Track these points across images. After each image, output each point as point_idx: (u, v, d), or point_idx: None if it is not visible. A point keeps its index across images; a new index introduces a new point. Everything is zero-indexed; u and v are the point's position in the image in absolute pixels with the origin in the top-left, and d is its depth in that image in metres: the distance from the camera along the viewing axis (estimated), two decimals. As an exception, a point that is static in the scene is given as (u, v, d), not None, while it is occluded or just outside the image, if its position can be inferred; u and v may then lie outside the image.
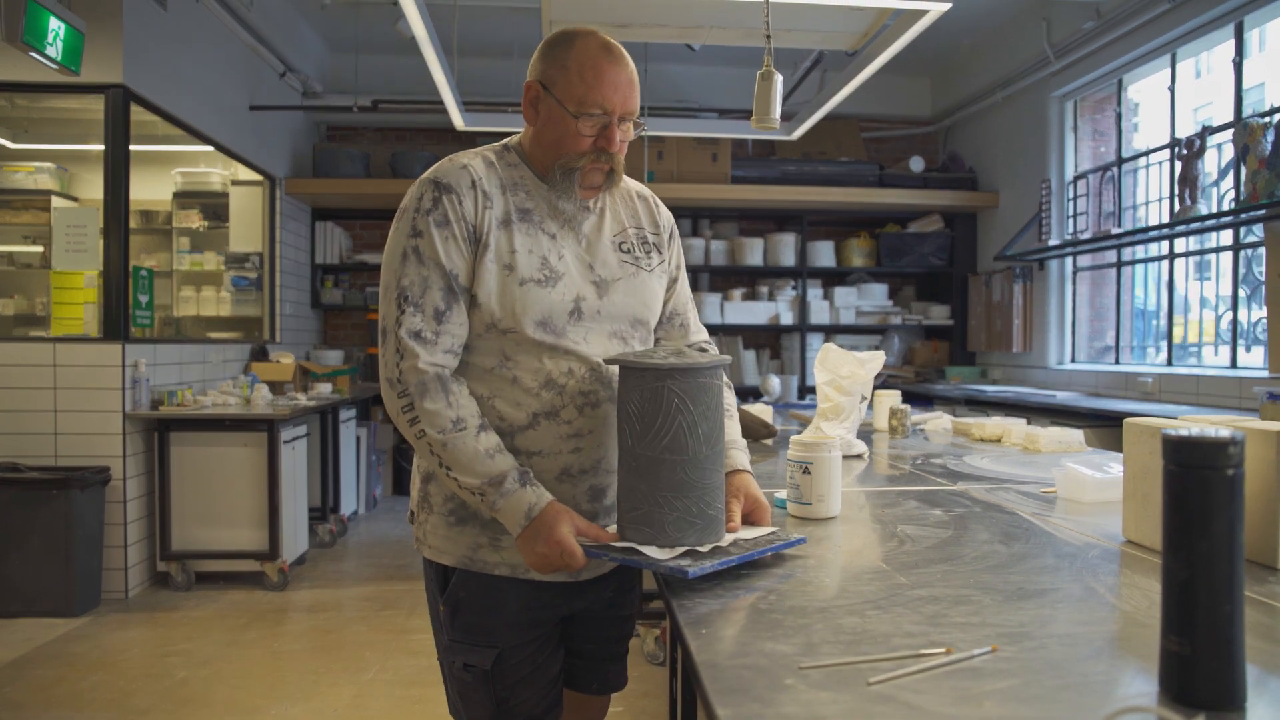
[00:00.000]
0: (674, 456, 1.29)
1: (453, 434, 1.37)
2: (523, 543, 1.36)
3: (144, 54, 4.42)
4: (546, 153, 1.51)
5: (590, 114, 1.46)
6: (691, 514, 1.29)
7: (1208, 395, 4.44)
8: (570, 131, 1.47)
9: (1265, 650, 0.94)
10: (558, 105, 1.46)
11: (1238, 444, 0.77)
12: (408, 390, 1.38)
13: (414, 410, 1.38)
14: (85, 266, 4.48)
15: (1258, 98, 5.55)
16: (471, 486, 1.36)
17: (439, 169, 1.48)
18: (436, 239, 1.42)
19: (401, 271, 1.41)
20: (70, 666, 3.42)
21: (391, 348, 1.39)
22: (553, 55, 1.49)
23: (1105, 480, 1.75)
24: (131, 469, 4.34)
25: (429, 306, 1.40)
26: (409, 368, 1.38)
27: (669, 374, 1.29)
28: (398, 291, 1.40)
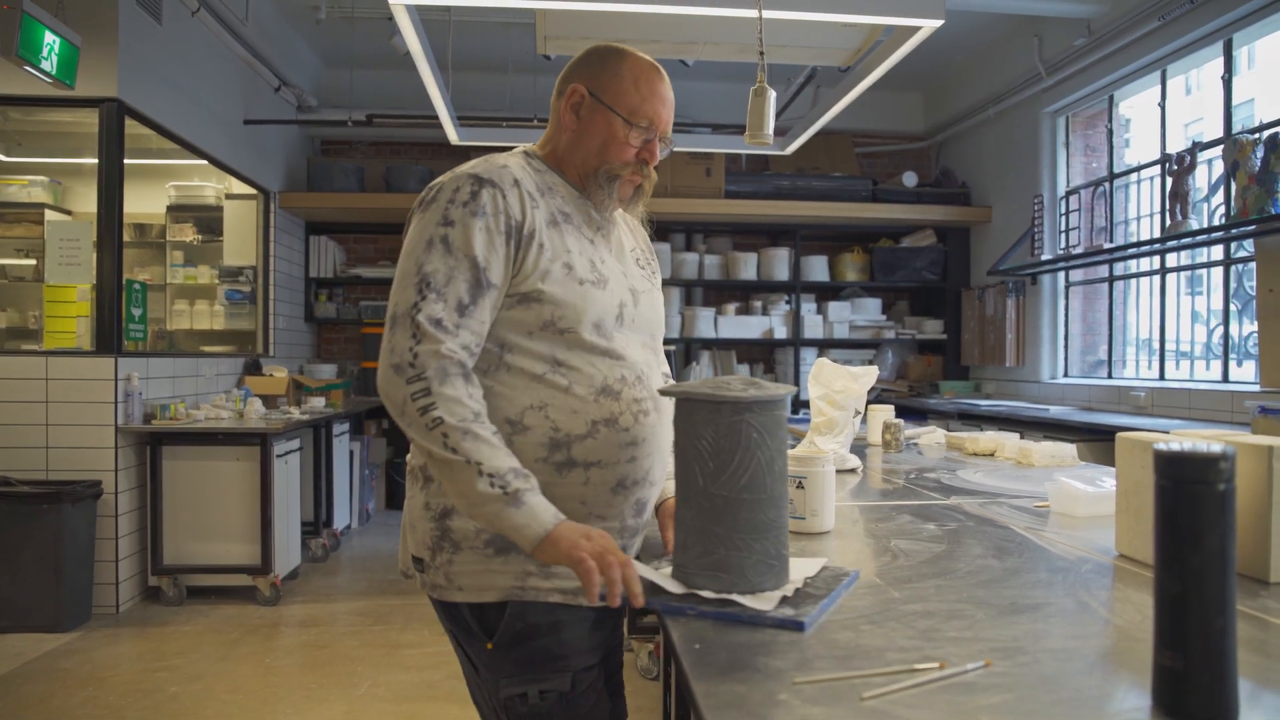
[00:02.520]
0: (752, 496, 1.18)
1: (474, 424, 1.25)
2: (566, 529, 1.22)
3: (139, 68, 4.42)
4: (588, 159, 1.49)
5: (639, 125, 1.47)
6: (770, 556, 1.20)
7: (1200, 409, 4.45)
8: (619, 139, 1.47)
9: (1258, 664, 0.94)
10: (608, 111, 1.46)
11: (1229, 459, 0.78)
12: (424, 374, 1.26)
13: (430, 395, 1.25)
14: (78, 280, 4.47)
15: (1247, 114, 5.60)
16: (498, 471, 1.23)
17: (477, 166, 1.41)
18: (474, 230, 1.34)
19: (425, 259, 1.32)
20: (60, 682, 3.39)
21: (405, 332, 1.28)
22: (603, 63, 1.49)
23: (1098, 495, 1.75)
24: (123, 483, 4.32)
25: (452, 297, 1.31)
26: (428, 351, 1.27)
27: (749, 407, 1.18)
28: (419, 278, 1.31)
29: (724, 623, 1.09)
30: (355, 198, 6.61)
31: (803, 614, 1.09)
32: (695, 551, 1.20)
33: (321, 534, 5.50)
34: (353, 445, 6.36)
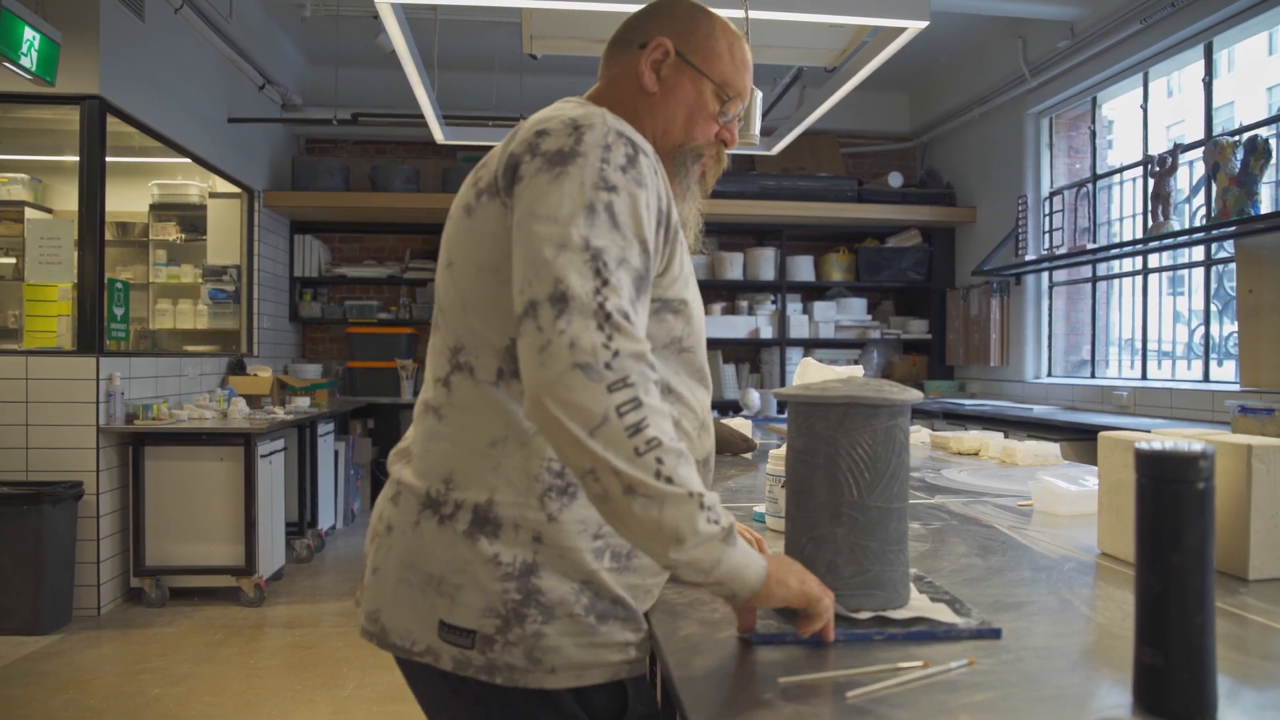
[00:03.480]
0: (901, 504, 1.11)
1: (685, 448, 0.96)
2: (776, 563, 1.00)
3: (121, 65, 4.39)
4: (671, 131, 1.25)
5: (730, 98, 1.27)
6: (907, 568, 1.12)
7: (1181, 408, 4.49)
8: (708, 111, 1.26)
9: (1237, 661, 0.95)
10: (699, 76, 1.25)
11: (1208, 458, 0.78)
12: (628, 380, 0.93)
13: (642, 409, 0.93)
14: (59, 279, 4.44)
15: (1227, 116, 5.66)
16: (714, 502, 0.95)
17: (601, 118, 1.08)
18: (641, 206, 1.04)
19: (591, 229, 0.99)
20: (40, 685, 3.36)
21: (589, 323, 0.93)
22: (693, 20, 1.27)
23: (1081, 493, 1.77)
24: (105, 484, 4.29)
25: (627, 286, 0.99)
26: (631, 352, 0.94)
27: (902, 411, 1.09)
28: (589, 254, 0.97)
29: (709, 625, 1.09)
30: (340, 196, 6.58)
31: (989, 620, 1.07)
32: (848, 571, 1.08)
33: (306, 534, 5.47)
34: (337, 445, 6.33)
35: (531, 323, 0.95)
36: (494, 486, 1.09)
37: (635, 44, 1.27)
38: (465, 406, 1.12)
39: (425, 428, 1.17)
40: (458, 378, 1.14)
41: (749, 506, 1.88)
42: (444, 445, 1.13)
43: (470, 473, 1.10)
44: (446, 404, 1.14)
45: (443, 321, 1.18)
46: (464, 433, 1.12)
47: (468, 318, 1.13)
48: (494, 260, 1.09)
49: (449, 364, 1.15)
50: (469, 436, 1.11)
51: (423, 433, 1.17)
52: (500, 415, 1.10)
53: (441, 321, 1.18)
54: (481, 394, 1.11)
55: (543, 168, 1.04)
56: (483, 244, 1.11)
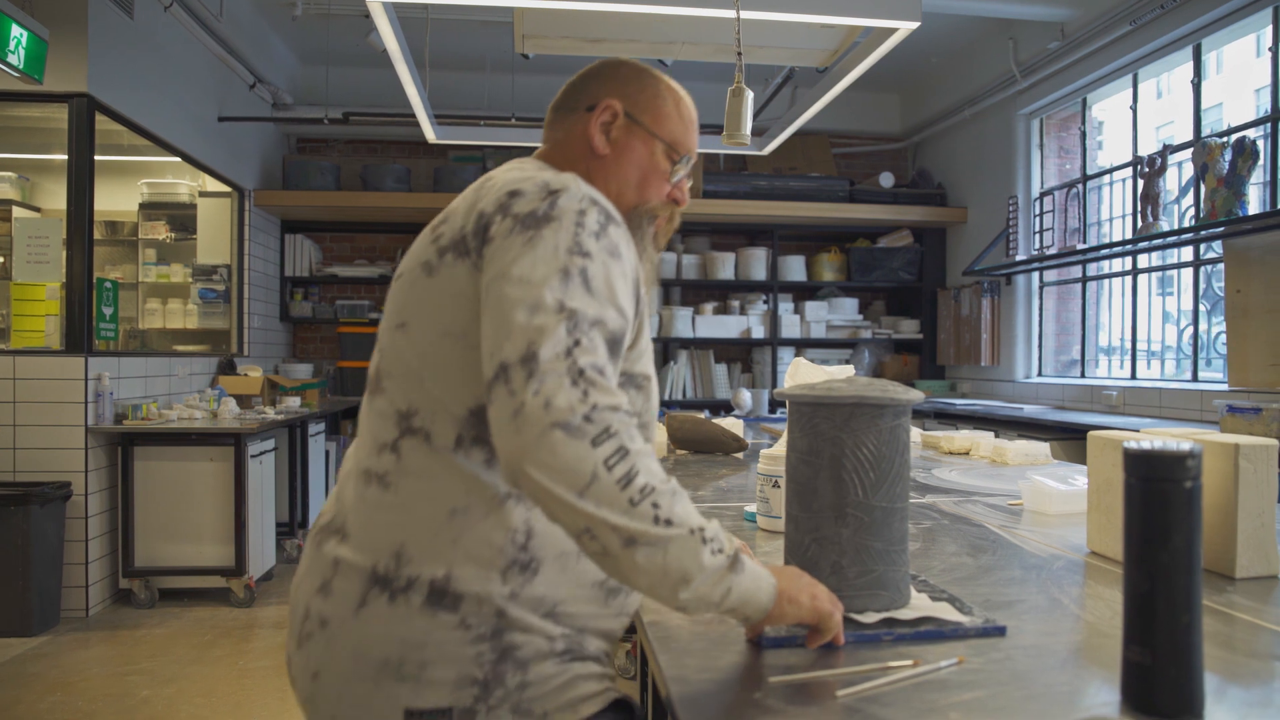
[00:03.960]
0: (903, 504, 1.11)
1: (675, 484, 0.94)
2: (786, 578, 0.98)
3: (110, 63, 4.37)
4: (624, 193, 1.23)
5: (681, 158, 1.26)
6: (908, 568, 1.13)
7: (1170, 408, 4.51)
8: (659, 172, 1.24)
9: (1223, 659, 0.95)
10: (649, 137, 1.23)
11: (1195, 457, 0.79)
12: (611, 430, 0.89)
13: (629, 458, 0.89)
14: (47, 278, 4.41)
15: (1216, 117, 5.69)
16: (716, 533, 0.93)
17: (589, 187, 1.08)
18: (615, 274, 1.01)
19: (564, 292, 0.96)
20: (28, 687, 3.34)
21: (563, 380, 0.90)
22: (639, 81, 1.25)
23: (1070, 493, 1.77)
24: (94, 484, 4.27)
25: (600, 348, 0.96)
26: (607, 405, 0.90)
27: (905, 410, 1.10)
28: (563, 313, 0.94)
29: (699, 624, 1.09)
30: (331, 196, 6.56)
31: (993, 618, 1.07)
32: (853, 572, 1.08)
33: (297, 535, 5.46)
34: (328, 445, 6.31)
35: (503, 387, 0.91)
36: (452, 560, 1.01)
37: (581, 108, 1.25)
38: (419, 474, 1.04)
39: (366, 498, 1.07)
40: (409, 443, 1.05)
41: (740, 506, 1.89)
42: (392, 516, 1.04)
43: (425, 545, 1.02)
44: (395, 471, 1.05)
45: (389, 386, 1.09)
46: (418, 502, 1.03)
47: (425, 384, 1.05)
48: (460, 324, 1.03)
49: (397, 428, 1.06)
50: (424, 506, 1.03)
51: (363, 503, 1.07)
52: (461, 482, 1.03)
53: (388, 385, 1.09)
54: (439, 460, 1.03)
55: (515, 229, 1.01)
56: (447, 306, 1.05)
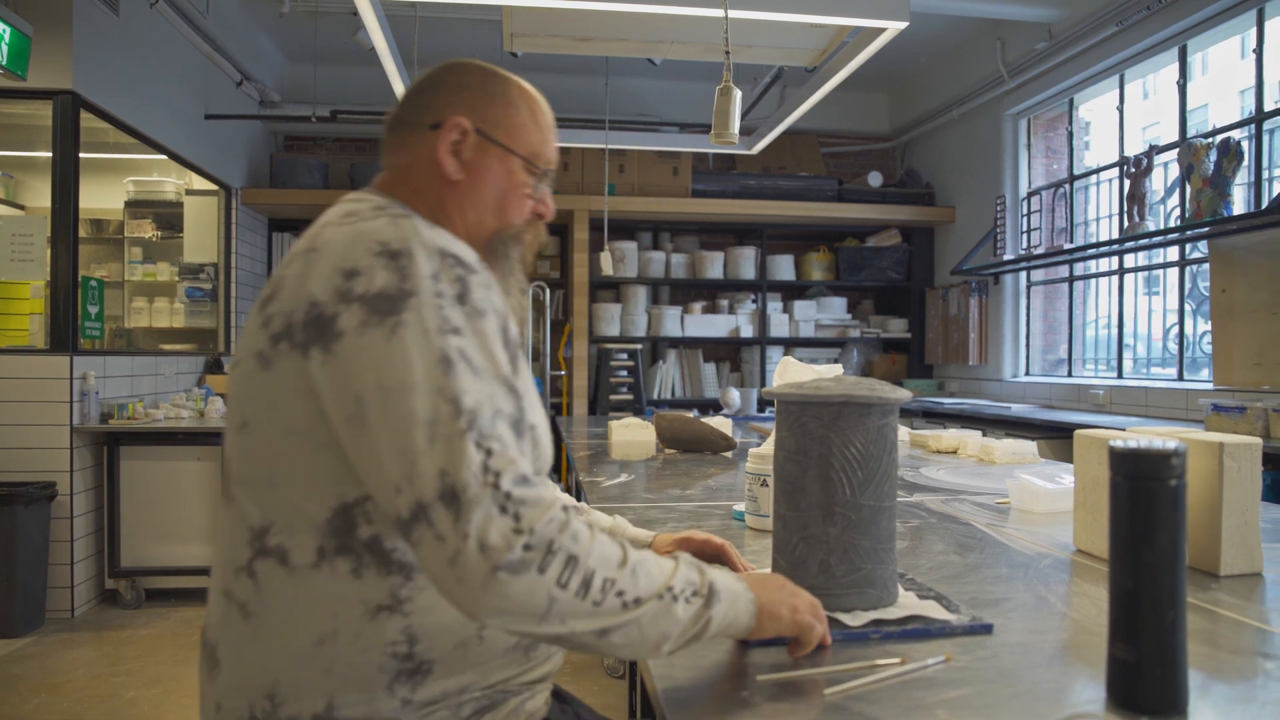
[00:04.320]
0: (890, 503, 1.11)
1: (624, 549, 0.90)
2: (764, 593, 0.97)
3: (95, 60, 4.34)
4: (483, 219, 1.13)
5: (541, 169, 1.16)
6: (895, 566, 1.13)
7: (1156, 407, 4.54)
8: (520, 190, 1.14)
9: (1208, 656, 0.96)
10: (506, 154, 1.13)
11: (1180, 455, 0.79)
12: (554, 548, 0.84)
13: (579, 565, 0.85)
14: (32, 276, 4.38)
15: (1201, 118, 5.73)
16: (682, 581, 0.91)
17: (431, 232, 0.98)
18: (490, 339, 0.93)
19: (454, 386, 0.87)
20: (12, 689, 3.32)
21: (493, 511, 0.83)
22: (487, 90, 1.14)
23: (1057, 491, 1.78)
24: (79, 484, 4.24)
25: (509, 441, 0.89)
26: (537, 519, 0.84)
27: (893, 409, 1.11)
28: (464, 420, 0.86)
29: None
30: (319, 194, 6.53)
31: (980, 615, 1.08)
32: (840, 570, 1.09)
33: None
34: (316, 445, 6.28)
35: (428, 529, 0.83)
36: (331, 690, 0.94)
37: (425, 125, 1.12)
38: (278, 602, 0.95)
39: (231, 625, 0.99)
40: (264, 566, 0.96)
41: (728, 505, 1.89)
42: (258, 652, 0.96)
43: (298, 681, 0.95)
44: (254, 599, 0.97)
45: (240, 494, 0.99)
46: (281, 635, 0.95)
47: (278, 490, 0.96)
48: (307, 423, 0.94)
49: (251, 548, 0.97)
50: (288, 639, 0.95)
51: (229, 631, 1.00)
52: (325, 605, 0.94)
53: (239, 494, 1.00)
54: (298, 585, 0.95)
55: (369, 321, 0.89)
56: (289, 404, 0.95)
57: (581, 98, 6.80)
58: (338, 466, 0.94)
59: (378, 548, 0.95)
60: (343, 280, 0.93)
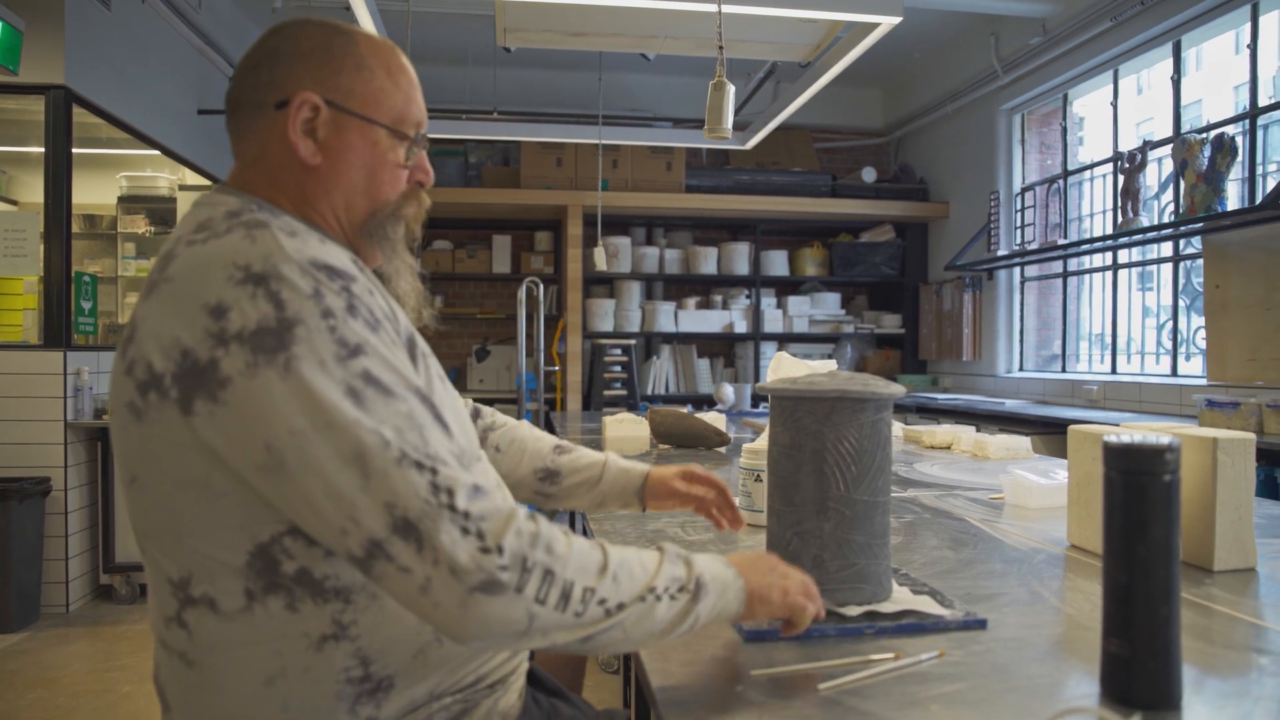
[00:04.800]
0: (884, 498, 1.11)
1: (602, 554, 0.88)
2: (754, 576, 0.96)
3: (87, 55, 4.32)
4: (352, 203, 1.02)
5: (410, 134, 1.05)
6: (889, 561, 1.14)
7: (1150, 402, 4.55)
8: (388, 162, 1.03)
9: (1201, 651, 0.96)
10: (366, 125, 1.01)
11: (1174, 450, 0.80)
12: (526, 563, 0.82)
13: (554, 577, 0.83)
14: (24, 272, 4.36)
15: (1195, 114, 5.74)
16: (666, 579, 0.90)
17: (292, 243, 0.89)
18: (386, 350, 0.88)
19: (370, 416, 0.82)
20: (7, 684, 3.31)
21: (455, 533, 0.80)
22: (330, 54, 1.00)
23: (1051, 486, 1.79)
24: (73, 479, 4.23)
25: (444, 449, 0.85)
26: (503, 533, 0.82)
27: (886, 404, 1.11)
28: (393, 451, 0.81)
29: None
30: (312, 190, 6.51)
31: (974, 611, 1.08)
32: (834, 565, 1.09)
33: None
34: (310, 440, 6.27)
35: (388, 564, 0.80)
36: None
37: (269, 105, 1.00)
38: (218, 648, 0.91)
39: (175, 674, 0.95)
40: (194, 615, 0.91)
41: (723, 500, 1.89)
42: (208, 699, 0.93)
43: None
44: (192, 648, 0.92)
45: (151, 549, 0.94)
46: (227, 680, 0.92)
47: (185, 542, 0.90)
48: (197, 474, 0.88)
49: (176, 599, 0.92)
50: (235, 683, 0.91)
51: (174, 680, 0.96)
52: (267, 644, 0.90)
53: (149, 548, 0.94)
54: (235, 629, 0.90)
55: (256, 362, 0.82)
56: (173, 455, 0.88)
57: (575, 93, 6.79)
58: (239, 511, 0.88)
59: (307, 579, 0.90)
60: (211, 320, 0.84)
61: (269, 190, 1.01)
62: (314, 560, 0.90)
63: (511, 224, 7.11)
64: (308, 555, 0.90)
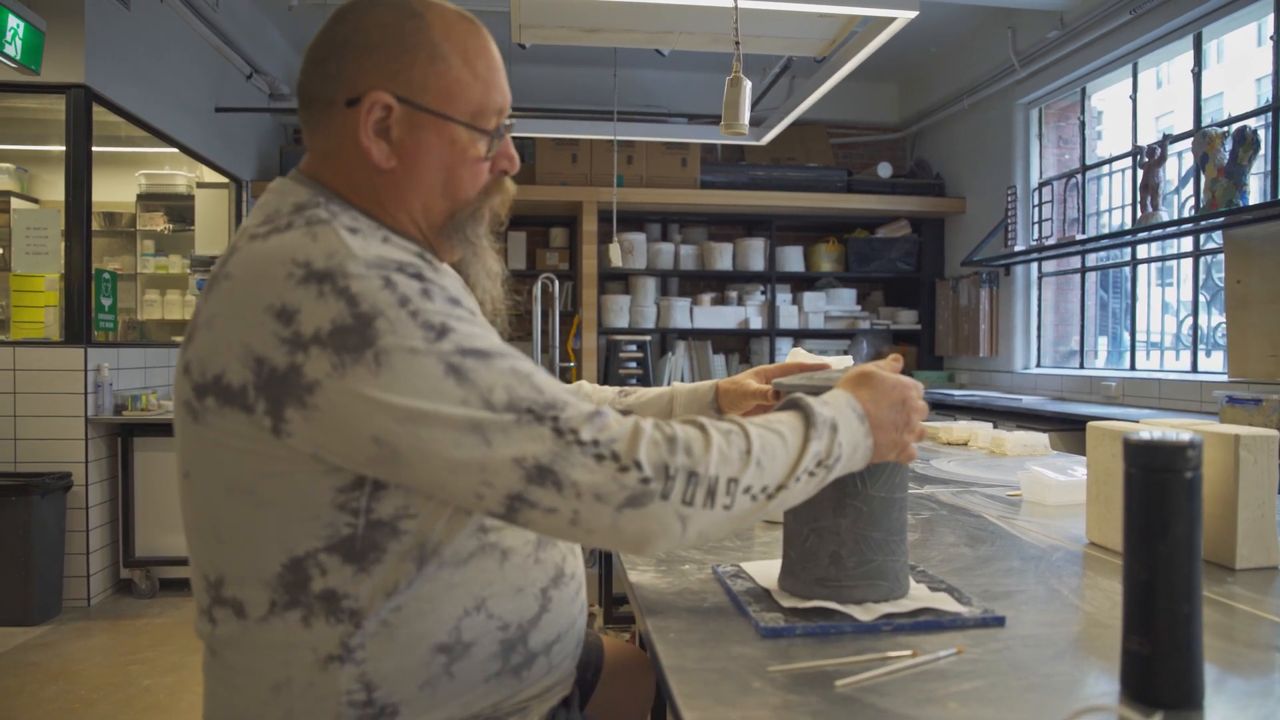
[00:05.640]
0: (902, 494, 1.10)
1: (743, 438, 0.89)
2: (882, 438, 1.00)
3: (106, 54, 4.35)
4: (430, 203, 0.98)
5: (491, 127, 0.99)
6: (907, 557, 1.13)
7: (1169, 399, 4.52)
8: (469, 157, 0.98)
9: (1223, 649, 0.95)
10: (442, 123, 0.95)
11: (1196, 447, 0.79)
12: (672, 470, 0.84)
13: (697, 477, 0.85)
14: (46, 269, 4.40)
15: (1216, 107, 5.68)
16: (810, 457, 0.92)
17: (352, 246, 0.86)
18: (470, 317, 0.88)
19: (477, 388, 0.82)
20: (30, 676, 3.35)
21: (590, 463, 0.82)
22: (402, 43, 0.94)
23: (1069, 483, 1.77)
24: (94, 474, 4.27)
25: (552, 389, 0.85)
26: (631, 446, 0.83)
27: None
28: (511, 410, 0.82)
29: (698, 613, 1.09)
30: (329, 187, 6.54)
31: (991, 608, 1.07)
32: (851, 562, 1.08)
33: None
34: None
35: (532, 511, 0.83)
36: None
37: (339, 101, 0.95)
38: (236, 646, 0.94)
39: (207, 664, 1.00)
40: (222, 614, 0.94)
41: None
42: (223, 689, 0.96)
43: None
44: (215, 639, 0.96)
45: (194, 544, 0.97)
46: (239, 677, 0.94)
47: (224, 545, 0.92)
48: (246, 480, 0.89)
49: (209, 595, 0.95)
50: (247, 681, 0.93)
51: (207, 670, 1.00)
52: (278, 654, 0.91)
53: (193, 543, 0.97)
54: (253, 633, 0.92)
55: (342, 362, 0.81)
56: (225, 459, 0.89)
57: (590, 89, 6.79)
58: (281, 522, 0.89)
59: (330, 597, 0.90)
60: (279, 324, 0.83)
61: (342, 187, 0.98)
62: (342, 580, 0.90)
63: (526, 220, 7.12)
64: (339, 574, 0.90)
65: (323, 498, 0.88)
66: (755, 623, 1.02)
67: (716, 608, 1.10)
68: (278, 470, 0.87)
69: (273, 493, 0.88)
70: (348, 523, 0.88)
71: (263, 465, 0.87)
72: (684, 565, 1.30)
